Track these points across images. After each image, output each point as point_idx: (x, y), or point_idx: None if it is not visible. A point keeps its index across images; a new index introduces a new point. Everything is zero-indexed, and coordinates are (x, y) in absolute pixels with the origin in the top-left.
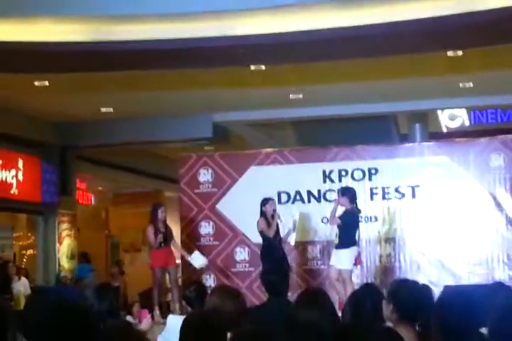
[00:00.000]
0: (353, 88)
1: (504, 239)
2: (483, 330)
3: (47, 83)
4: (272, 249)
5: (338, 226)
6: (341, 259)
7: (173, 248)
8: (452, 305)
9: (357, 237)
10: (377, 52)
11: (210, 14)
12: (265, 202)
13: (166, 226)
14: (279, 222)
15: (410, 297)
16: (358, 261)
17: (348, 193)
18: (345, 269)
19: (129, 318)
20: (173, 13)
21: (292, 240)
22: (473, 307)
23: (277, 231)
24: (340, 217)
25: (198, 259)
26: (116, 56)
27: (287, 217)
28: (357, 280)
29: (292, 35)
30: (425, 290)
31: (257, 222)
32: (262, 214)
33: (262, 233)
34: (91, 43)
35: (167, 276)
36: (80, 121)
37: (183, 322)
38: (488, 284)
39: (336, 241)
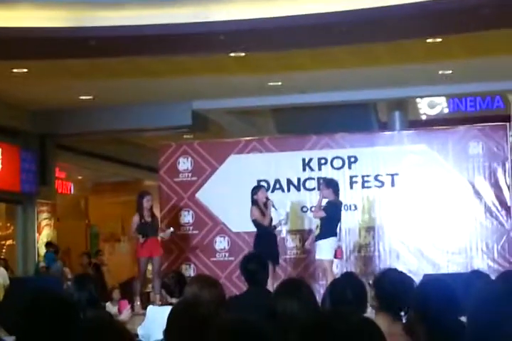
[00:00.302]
0: (333, 75)
1: (483, 228)
2: (463, 318)
3: (25, 70)
4: (266, 237)
5: (321, 218)
6: (321, 250)
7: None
8: (432, 294)
9: (338, 229)
10: (357, 39)
11: (190, 0)
12: (256, 189)
13: (153, 216)
14: (273, 210)
15: (390, 285)
16: (338, 253)
17: (333, 185)
18: (325, 259)
19: (108, 305)
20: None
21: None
22: (452, 295)
23: (271, 221)
24: (324, 209)
25: (165, 233)
26: (96, 43)
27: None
28: (336, 270)
29: (271, 21)
30: (407, 279)
31: (250, 211)
32: (254, 202)
33: (255, 221)
34: (70, 29)
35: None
36: (59, 109)
37: (171, 310)
38: (467, 272)
39: (317, 232)
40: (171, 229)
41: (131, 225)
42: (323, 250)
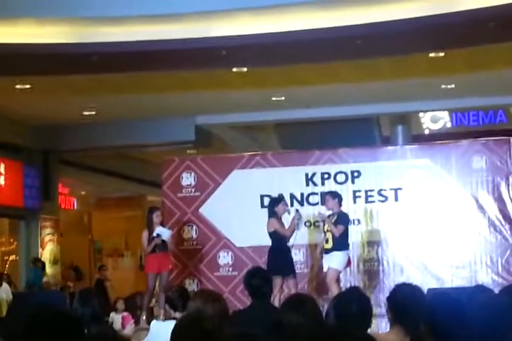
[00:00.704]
0: (336, 90)
1: (487, 242)
2: None
3: (28, 86)
4: (282, 249)
5: (330, 231)
6: (333, 259)
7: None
8: (440, 308)
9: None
10: (359, 53)
11: (192, 15)
12: (277, 202)
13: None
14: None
15: (402, 299)
16: (349, 262)
17: (338, 195)
18: (335, 268)
19: (113, 315)
20: (156, 15)
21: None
22: (459, 309)
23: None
24: (338, 222)
25: (164, 232)
26: (98, 58)
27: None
28: (340, 284)
29: (273, 36)
30: (418, 293)
31: (268, 223)
32: (273, 214)
33: (274, 233)
34: (73, 45)
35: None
36: (62, 125)
37: (175, 325)
38: (471, 287)
39: (329, 246)
40: (171, 230)
41: (142, 241)
42: (337, 260)
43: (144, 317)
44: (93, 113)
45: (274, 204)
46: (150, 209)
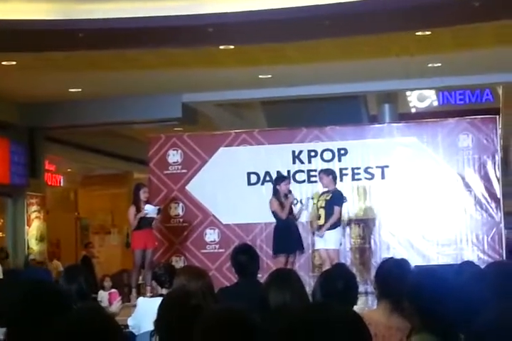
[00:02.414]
0: (323, 68)
1: (473, 220)
2: None
3: (14, 63)
4: (285, 228)
5: (323, 207)
6: (329, 240)
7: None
8: (423, 285)
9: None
10: (346, 31)
11: None
12: (280, 180)
13: None
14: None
15: (387, 273)
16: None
17: (332, 173)
18: (334, 249)
19: (101, 292)
20: None
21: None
22: (442, 285)
23: (291, 212)
24: (333, 200)
25: (152, 209)
26: (84, 35)
27: (254, 198)
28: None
29: (260, 13)
30: (404, 266)
31: (270, 202)
32: (275, 192)
33: (273, 213)
34: (59, 22)
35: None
36: (48, 102)
37: (162, 301)
38: (457, 264)
39: (321, 222)
40: (158, 206)
41: (129, 217)
42: (332, 240)
43: (135, 294)
44: (79, 90)
45: (276, 182)
46: (136, 185)
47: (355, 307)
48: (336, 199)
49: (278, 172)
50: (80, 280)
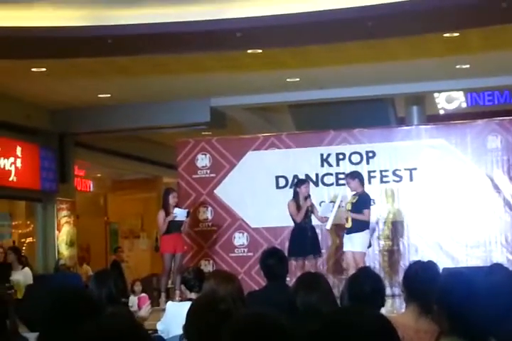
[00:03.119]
0: (350, 71)
1: (502, 221)
2: None
3: (44, 69)
4: (300, 231)
5: (350, 211)
6: (356, 242)
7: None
8: (452, 289)
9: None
10: (374, 34)
11: None
12: (300, 183)
13: None
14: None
15: (416, 277)
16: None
17: (359, 176)
18: (360, 252)
19: (131, 298)
20: None
21: (329, 224)
22: (472, 288)
23: (307, 215)
24: (360, 202)
25: (181, 212)
26: (114, 41)
27: (283, 202)
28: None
29: (288, 17)
30: (433, 269)
31: (288, 204)
32: (295, 195)
33: (291, 216)
34: (87, 28)
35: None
36: (77, 108)
37: (191, 306)
38: (486, 266)
39: (349, 225)
40: (187, 209)
41: (158, 222)
42: (359, 243)
43: (164, 298)
44: (108, 95)
45: (297, 185)
46: (166, 190)
47: (383, 310)
48: (362, 201)
49: (306, 175)
50: (110, 284)
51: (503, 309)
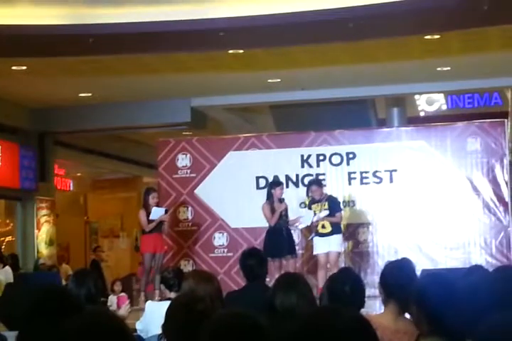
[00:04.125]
0: (332, 72)
1: (481, 223)
2: None
3: (24, 68)
4: (274, 232)
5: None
6: (334, 243)
7: None
8: (430, 290)
9: None
10: (355, 35)
11: None
12: (275, 184)
13: None
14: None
15: (391, 277)
16: None
17: (321, 182)
18: (338, 251)
19: (111, 297)
20: None
21: (303, 224)
22: (450, 290)
23: (283, 215)
24: (331, 207)
25: (156, 211)
26: (94, 40)
27: (263, 202)
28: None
29: (270, 18)
30: (408, 268)
31: (262, 206)
32: (269, 196)
33: (266, 218)
34: (69, 27)
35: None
36: (58, 107)
37: (170, 305)
38: (465, 268)
39: (327, 230)
40: (165, 208)
41: (140, 220)
42: (337, 244)
43: (143, 298)
44: (89, 95)
45: (271, 187)
46: (147, 190)
47: (362, 311)
48: (334, 205)
49: (286, 176)
50: (89, 284)
51: (480, 310)
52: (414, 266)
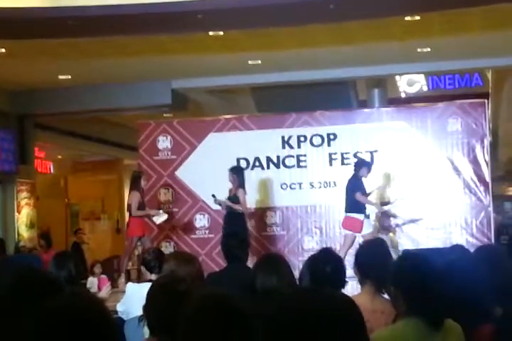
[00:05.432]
0: (312, 54)
1: (462, 203)
2: None
3: (3, 50)
4: (235, 215)
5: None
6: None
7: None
8: (408, 270)
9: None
10: (335, 17)
11: None
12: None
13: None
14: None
15: (366, 257)
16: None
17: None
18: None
19: (90, 279)
20: None
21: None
22: (428, 269)
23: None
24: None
25: (161, 217)
26: (74, 22)
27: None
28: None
29: None
30: (381, 247)
31: (242, 193)
32: (244, 184)
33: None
34: (47, 9)
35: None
36: (37, 89)
37: (151, 287)
38: (446, 247)
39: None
40: (166, 214)
41: (132, 203)
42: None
43: (123, 280)
44: (69, 77)
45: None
46: (138, 172)
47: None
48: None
49: (267, 157)
50: (70, 266)
51: (459, 289)
52: (387, 245)
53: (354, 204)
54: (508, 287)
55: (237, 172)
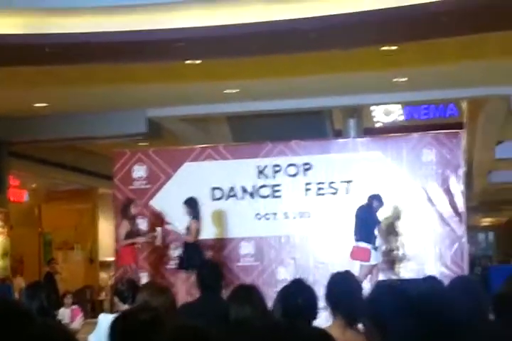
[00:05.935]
0: (288, 83)
1: (436, 234)
2: None
3: None
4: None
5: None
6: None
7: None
8: (383, 301)
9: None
10: (312, 46)
11: (145, 7)
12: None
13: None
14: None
15: (336, 289)
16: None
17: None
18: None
19: (62, 310)
20: (107, 6)
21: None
22: (403, 301)
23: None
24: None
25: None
26: (50, 50)
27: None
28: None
29: (227, 28)
30: (352, 280)
31: (195, 223)
32: (198, 216)
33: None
34: (24, 36)
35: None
36: (12, 117)
37: (112, 321)
38: (419, 278)
39: None
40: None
41: (119, 231)
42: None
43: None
44: (45, 105)
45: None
46: (128, 200)
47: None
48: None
49: (242, 187)
50: (42, 297)
51: (436, 319)
52: (355, 277)
53: (366, 233)
54: (483, 316)
55: (191, 204)
